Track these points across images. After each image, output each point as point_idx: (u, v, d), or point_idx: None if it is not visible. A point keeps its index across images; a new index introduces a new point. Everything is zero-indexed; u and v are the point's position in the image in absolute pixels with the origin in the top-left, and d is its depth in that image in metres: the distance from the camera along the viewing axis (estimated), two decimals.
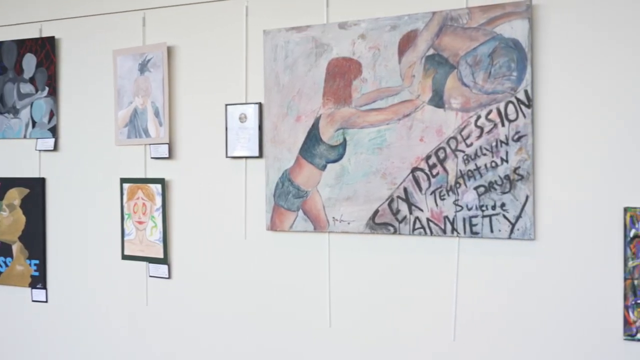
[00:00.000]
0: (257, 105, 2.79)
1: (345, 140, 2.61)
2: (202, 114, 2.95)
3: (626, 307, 2.25)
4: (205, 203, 2.95)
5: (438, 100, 2.46)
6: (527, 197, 2.34)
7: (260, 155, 2.79)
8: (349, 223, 2.61)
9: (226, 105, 2.85)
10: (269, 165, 2.76)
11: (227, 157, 2.85)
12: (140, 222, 3.06)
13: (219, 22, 2.91)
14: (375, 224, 2.57)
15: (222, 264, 2.93)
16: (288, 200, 2.72)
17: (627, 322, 2.25)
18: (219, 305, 2.94)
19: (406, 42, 2.51)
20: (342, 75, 2.61)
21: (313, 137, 2.66)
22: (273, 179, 2.75)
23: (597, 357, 2.29)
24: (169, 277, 3.04)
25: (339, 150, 2.61)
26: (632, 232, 2.23)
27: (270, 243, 2.81)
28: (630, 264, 2.24)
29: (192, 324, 3.00)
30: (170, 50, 3.00)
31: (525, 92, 2.33)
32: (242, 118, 2.80)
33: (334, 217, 2.64)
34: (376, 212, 2.57)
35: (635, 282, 2.23)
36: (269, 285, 2.83)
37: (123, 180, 3.10)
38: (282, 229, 2.75)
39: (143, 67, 3.03)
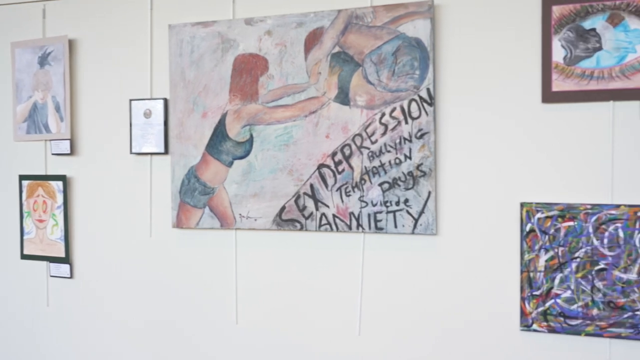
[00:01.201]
0: (162, 101, 2.74)
1: (252, 136, 2.59)
2: (105, 109, 2.87)
3: (523, 299, 2.33)
4: (109, 200, 2.87)
5: (344, 97, 2.48)
6: (429, 193, 2.39)
7: (166, 152, 2.74)
8: (255, 220, 2.60)
9: (130, 100, 2.79)
10: (175, 162, 2.71)
11: (131, 153, 2.79)
12: (40, 221, 2.95)
13: (123, 16, 2.84)
14: (282, 221, 2.57)
15: (126, 262, 2.86)
16: (194, 197, 2.68)
17: (523, 314, 2.33)
18: (124, 304, 2.87)
19: (312, 40, 2.52)
20: (248, 71, 2.59)
21: (219, 133, 2.63)
22: (179, 175, 2.70)
23: (495, 347, 2.36)
24: (71, 277, 2.95)
25: (246, 147, 2.59)
26: (528, 227, 2.31)
27: (176, 240, 2.77)
28: (527, 257, 2.32)
29: (95, 324, 2.92)
30: (71, 44, 2.91)
31: (428, 90, 2.38)
32: (147, 114, 2.74)
33: (240, 214, 2.62)
34: (283, 208, 2.57)
35: (531, 274, 2.31)
36: (175, 282, 2.78)
37: (22, 177, 2.98)
38: (188, 226, 2.71)
39: (43, 61, 2.92)
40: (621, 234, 2.21)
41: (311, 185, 2.52)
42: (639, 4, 2.18)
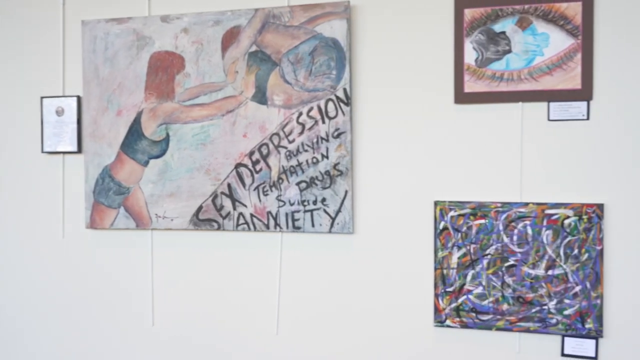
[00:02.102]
0: (75, 99, 2.67)
1: (168, 135, 2.55)
2: (15, 106, 2.77)
3: (436, 296, 2.37)
4: (19, 201, 2.78)
5: (261, 96, 2.47)
6: (346, 192, 2.40)
7: (79, 151, 2.67)
8: (172, 219, 2.56)
9: (42, 98, 2.71)
10: (89, 161, 2.64)
11: (43, 152, 2.70)
12: None
13: (34, 10, 2.75)
14: (199, 220, 2.54)
15: (38, 264, 2.77)
16: (109, 197, 2.62)
17: (437, 310, 2.37)
18: (36, 306, 2.78)
19: (229, 38, 2.50)
20: (164, 69, 2.56)
21: (135, 132, 2.58)
22: (93, 175, 2.63)
23: (410, 343, 2.40)
24: None
25: (162, 146, 2.55)
26: (442, 225, 2.36)
27: (90, 241, 2.70)
28: (440, 254, 2.36)
29: (5, 328, 2.81)
30: None
31: (344, 90, 2.39)
32: (60, 112, 2.66)
33: (157, 214, 2.57)
34: (200, 208, 2.54)
35: (444, 271, 2.35)
36: (88, 284, 2.71)
37: None
38: (102, 227, 2.64)
39: None
40: (529, 231, 2.27)
41: (229, 185, 2.50)
42: (546, 8, 2.25)
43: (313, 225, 2.42)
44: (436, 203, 2.35)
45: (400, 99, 2.39)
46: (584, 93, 2.23)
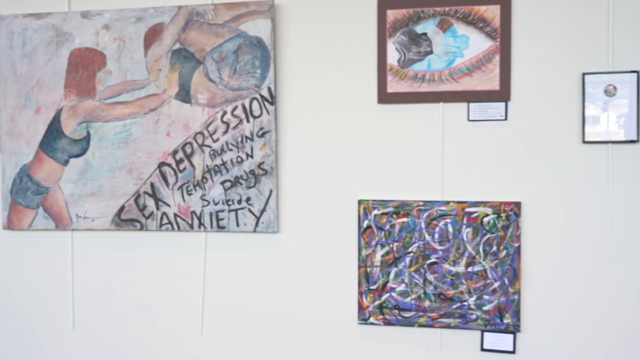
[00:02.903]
0: None
1: (89, 133, 2.50)
2: None
3: (360, 294, 2.39)
4: None
5: (185, 95, 2.44)
6: (271, 191, 2.40)
7: None
8: (93, 220, 2.51)
9: None
10: (5, 160, 2.56)
11: None
12: None
13: None
14: (122, 220, 2.50)
15: None
16: (27, 197, 2.55)
17: (361, 308, 2.39)
18: None
19: (152, 35, 2.46)
20: (85, 66, 2.50)
21: (54, 130, 2.52)
22: (10, 174, 2.56)
23: (334, 341, 2.41)
24: None
25: (83, 145, 2.50)
26: (365, 223, 2.38)
27: (7, 243, 2.62)
28: (364, 252, 2.38)
29: None
30: None
31: (269, 89, 2.39)
32: None
33: (77, 214, 2.52)
34: (122, 208, 2.49)
35: (368, 269, 2.38)
36: (6, 286, 2.63)
37: None
38: (20, 228, 2.57)
39: None
40: (450, 229, 2.32)
41: (152, 184, 2.46)
42: (466, 11, 2.30)
43: (238, 225, 2.41)
44: (360, 202, 2.37)
45: (325, 98, 2.41)
46: (502, 94, 2.29)
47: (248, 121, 2.40)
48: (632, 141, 2.19)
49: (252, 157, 2.39)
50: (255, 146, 2.39)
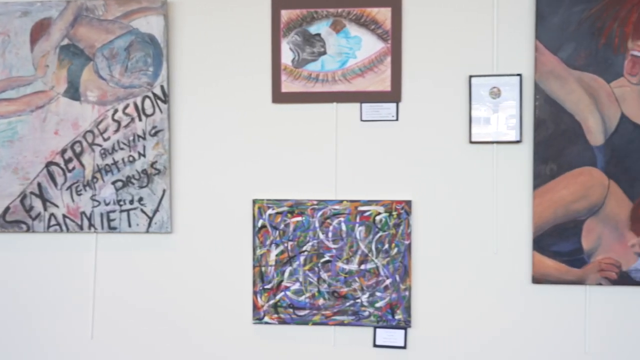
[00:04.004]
0: None
1: None
2: None
3: (255, 293, 2.39)
4: None
5: (74, 92, 2.38)
6: (164, 191, 2.36)
7: None
8: None
9: None
10: None
11: None
12: None
13: None
14: (6, 222, 2.41)
15: None
16: None
17: (255, 307, 2.39)
18: None
19: (39, 30, 2.39)
20: None
21: None
22: None
23: (229, 341, 2.41)
24: None
25: None
26: (260, 223, 2.38)
27: None
28: (258, 252, 2.38)
29: None
30: None
31: (162, 87, 2.36)
32: None
33: None
34: (7, 209, 2.40)
35: (263, 269, 2.38)
36: None
37: None
38: None
39: None
40: (344, 227, 2.35)
41: (39, 184, 2.38)
42: (358, 13, 2.33)
43: (130, 225, 2.37)
44: (254, 201, 2.37)
45: (219, 97, 2.39)
46: (393, 95, 2.33)
47: (140, 120, 2.36)
48: (516, 142, 2.27)
49: (144, 156, 2.35)
50: (148, 145, 2.36)
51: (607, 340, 2.25)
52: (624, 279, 2.23)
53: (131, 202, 2.36)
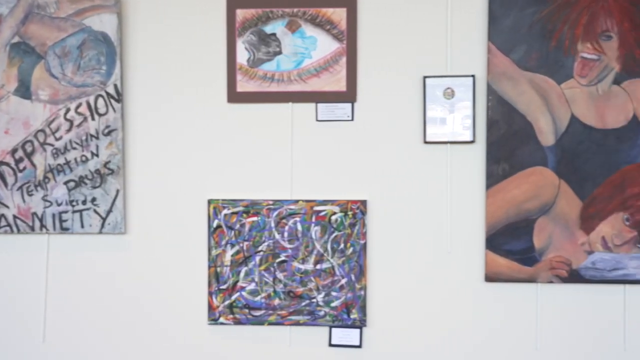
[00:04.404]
0: None
1: None
2: None
3: (210, 294, 2.37)
4: None
5: (24, 91, 2.34)
6: (117, 192, 2.34)
7: None
8: None
9: None
10: None
11: None
12: None
13: None
14: None
15: None
16: None
17: (211, 308, 2.38)
18: None
19: None
20: None
21: None
22: None
23: (184, 342, 2.39)
24: None
25: None
26: (215, 223, 2.37)
27: None
28: (214, 252, 2.37)
29: None
30: None
31: (115, 86, 2.33)
32: None
33: None
34: None
35: (218, 269, 2.37)
36: None
37: None
38: None
39: None
40: (299, 227, 2.35)
41: None
42: (314, 13, 2.34)
43: (82, 226, 2.34)
44: (210, 201, 2.36)
45: (174, 96, 2.38)
46: (349, 95, 2.34)
47: (93, 119, 2.33)
48: (470, 142, 2.29)
49: (97, 156, 2.33)
50: (101, 145, 2.33)
51: (557, 337, 2.28)
52: (574, 276, 2.26)
53: (84, 202, 2.33)
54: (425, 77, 2.31)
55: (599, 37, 2.24)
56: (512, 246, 2.28)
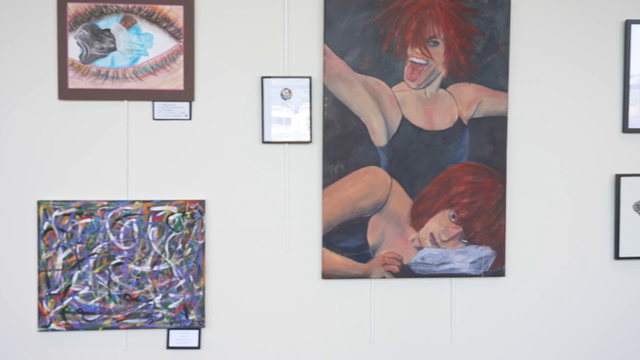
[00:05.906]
0: None
1: None
2: None
3: (40, 299, 2.27)
4: None
5: None
6: None
7: None
8: None
9: None
10: None
11: None
12: None
13: None
14: None
15: None
16: None
17: (41, 314, 2.28)
18: None
19: None
20: None
21: None
22: None
23: (11, 350, 2.29)
24: None
25: None
26: (46, 225, 2.27)
27: None
28: (44, 256, 2.27)
29: None
30: None
31: None
32: None
33: None
34: None
35: (49, 273, 2.27)
36: None
37: None
38: None
39: None
40: (136, 228, 2.30)
41: None
42: (150, 9, 2.29)
43: None
44: (39, 202, 2.26)
45: (1, 93, 2.25)
46: (187, 94, 2.32)
47: None
48: (307, 142, 2.33)
49: None
50: None
51: (391, 330, 2.38)
52: (405, 271, 2.36)
53: None
54: (263, 78, 2.32)
55: (427, 43, 2.34)
56: (348, 243, 2.34)
